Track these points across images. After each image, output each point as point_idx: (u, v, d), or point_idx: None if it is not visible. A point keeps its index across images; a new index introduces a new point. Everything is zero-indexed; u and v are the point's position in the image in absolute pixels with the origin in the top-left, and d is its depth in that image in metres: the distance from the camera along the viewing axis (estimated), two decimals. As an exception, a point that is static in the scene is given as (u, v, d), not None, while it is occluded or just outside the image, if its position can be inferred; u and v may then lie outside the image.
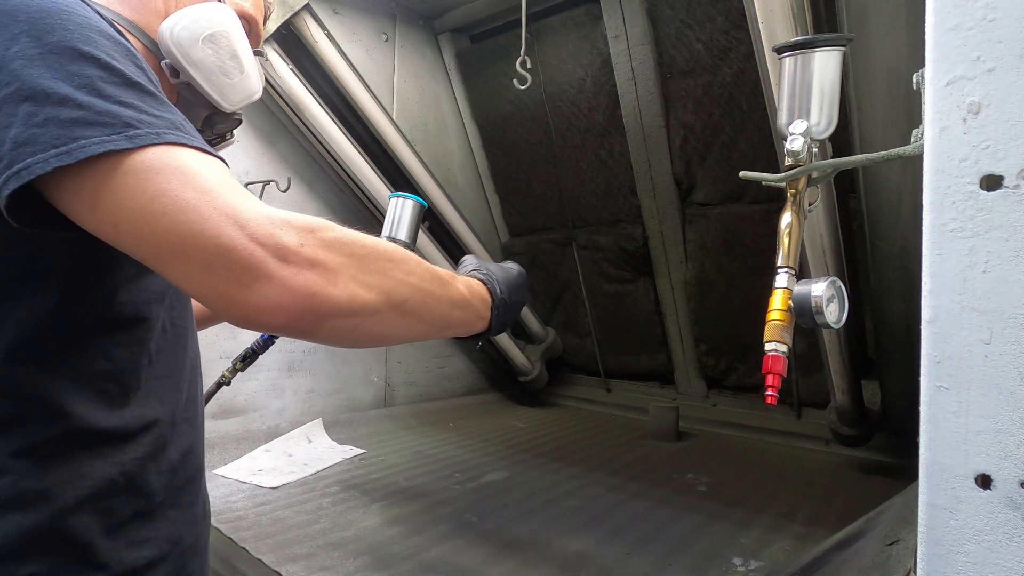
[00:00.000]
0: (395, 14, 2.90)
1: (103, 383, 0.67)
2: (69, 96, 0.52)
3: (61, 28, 0.54)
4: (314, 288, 0.54)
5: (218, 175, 0.55)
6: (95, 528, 0.64)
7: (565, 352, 3.45)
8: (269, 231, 0.53)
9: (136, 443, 0.69)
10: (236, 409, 2.36)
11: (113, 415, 0.67)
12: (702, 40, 2.36)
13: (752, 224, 2.51)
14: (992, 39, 0.47)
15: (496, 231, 3.48)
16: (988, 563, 0.48)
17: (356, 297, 0.57)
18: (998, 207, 0.47)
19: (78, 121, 0.51)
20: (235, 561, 1.46)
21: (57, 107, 0.51)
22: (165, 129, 0.55)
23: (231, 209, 0.52)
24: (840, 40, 0.92)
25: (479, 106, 3.19)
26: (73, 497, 0.63)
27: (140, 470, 0.69)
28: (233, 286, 0.52)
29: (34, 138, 0.50)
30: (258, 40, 0.97)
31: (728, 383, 2.89)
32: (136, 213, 0.51)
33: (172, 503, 0.74)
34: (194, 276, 0.52)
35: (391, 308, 0.61)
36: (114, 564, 0.66)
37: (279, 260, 0.52)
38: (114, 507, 0.67)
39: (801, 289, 0.79)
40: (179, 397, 0.78)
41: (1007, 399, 0.47)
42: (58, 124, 0.51)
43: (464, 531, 1.66)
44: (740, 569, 1.47)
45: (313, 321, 0.55)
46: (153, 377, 0.73)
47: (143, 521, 0.70)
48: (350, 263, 0.57)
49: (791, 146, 0.88)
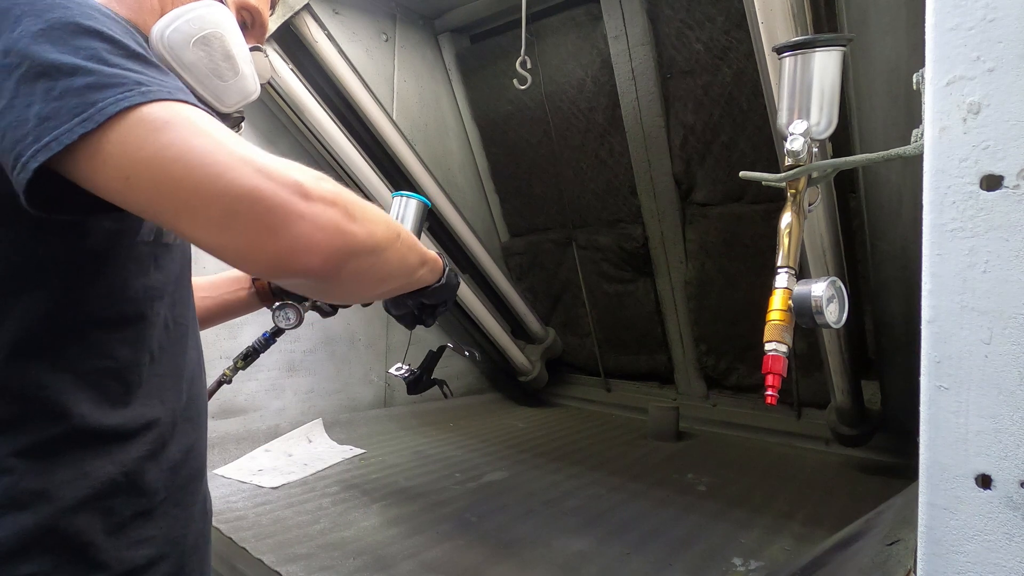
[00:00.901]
0: (395, 14, 2.90)
1: (105, 380, 0.67)
2: (79, 66, 0.52)
3: (60, 7, 0.55)
4: (340, 224, 0.54)
5: (228, 131, 0.55)
6: (96, 528, 0.64)
7: (565, 352, 3.45)
8: (287, 172, 0.52)
9: (137, 442, 0.69)
10: (236, 409, 2.36)
11: (115, 413, 0.67)
12: (702, 40, 2.36)
13: (752, 224, 2.51)
14: (992, 39, 0.47)
15: (496, 231, 3.48)
16: (988, 563, 0.48)
17: (373, 233, 0.58)
18: (998, 207, 0.47)
19: (91, 86, 0.51)
20: (235, 561, 1.46)
21: (69, 78, 0.52)
22: (175, 90, 0.55)
23: (247, 154, 0.52)
24: (840, 40, 0.92)
25: (479, 106, 3.19)
26: (74, 497, 0.63)
27: (141, 469, 0.69)
28: (260, 231, 0.51)
29: (56, 112, 0.51)
30: (263, 31, 0.94)
31: (728, 383, 2.89)
32: (148, 162, 0.50)
33: (174, 502, 0.74)
34: (214, 226, 0.51)
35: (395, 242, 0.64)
36: (115, 564, 0.66)
37: (303, 199, 0.52)
38: (115, 507, 0.66)
39: (801, 289, 0.79)
40: (180, 396, 0.78)
41: (1007, 399, 0.47)
42: (74, 93, 0.51)
43: (464, 531, 1.66)
44: (740, 569, 1.47)
45: (342, 260, 0.55)
46: (155, 375, 0.73)
47: (144, 520, 0.70)
48: (355, 203, 0.58)
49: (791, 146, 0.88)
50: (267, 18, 0.94)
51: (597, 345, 3.27)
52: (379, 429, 2.69)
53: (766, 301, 0.82)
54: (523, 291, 3.36)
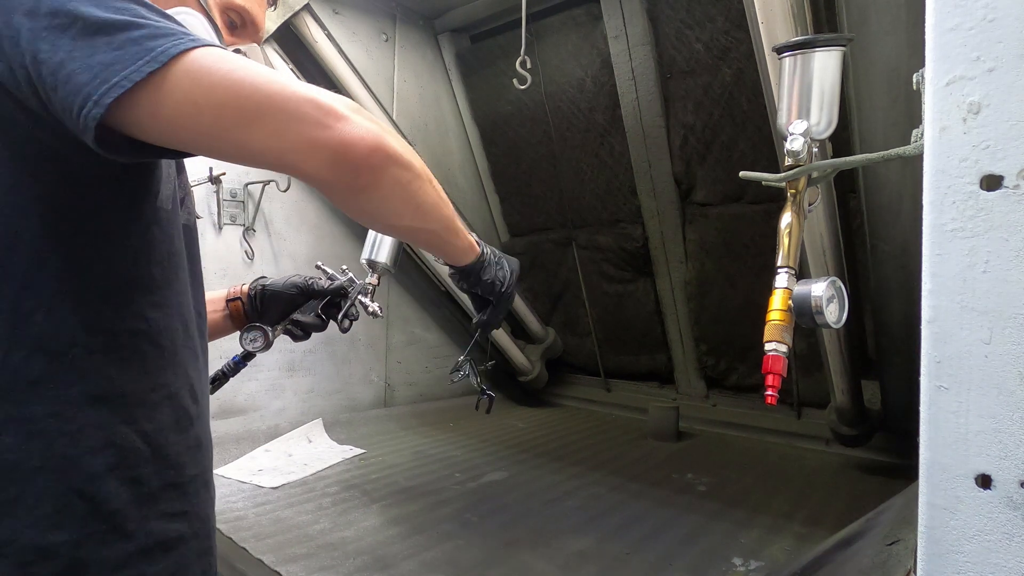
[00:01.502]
0: (395, 14, 2.90)
1: (139, 343, 0.67)
2: (130, 21, 0.57)
3: None
4: (379, 133, 0.62)
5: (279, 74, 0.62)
6: (124, 496, 0.64)
7: (565, 352, 3.45)
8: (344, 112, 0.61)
9: (161, 411, 0.69)
10: (236, 409, 2.36)
11: (145, 378, 0.68)
12: (702, 40, 2.36)
13: (752, 224, 2.51)
14: (992, 39, 0.47)
15: (496, 231, 3.48)
16: (988, 563, 0.48)
17: (406, 151, 0.66)
18: (998, 207, 0.47)
19: (148, 35, 0.56)
20: (235, 561, 1.46)
21: (125, 31, 0.56)
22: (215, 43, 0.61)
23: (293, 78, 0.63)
24: (840, 40, 0.92)
25: (479, 106, 3.19)
26: (101, 464, 0.63)
27: (166, 441, 0.69)
28: (319, 129, 0.59)
29: (119, 59, 0.55)
30: (256, 29, 0.91)
31: (728, 383, 2.88)
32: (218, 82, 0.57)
33: (203, 482, 0.74)
34: (282, 128, 0.59)
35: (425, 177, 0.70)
36: (143, 535, 0.65)
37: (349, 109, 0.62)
38: (143, 476, 0.66)
39: (801, 289, 0.79)
40: (205, 376, 0.79)
41: (1007, 399, 0.47)
42: (134, 42, 0.56)
43: (464, 531, 1.66)
44: (740, 569, 1.47)
45: (384, 160, 0.63)
46: (186, 347, 0.73)
47: (176, 493, 0.70)
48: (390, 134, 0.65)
49: (791, 146, 0.88)
50: (259, 15, 0.91)
51: (597, 345, 3.27)
52: (379, 429, 2.69)
53: (766, 301, 0.82)
54: (523, 291, 3.36)
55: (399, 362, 2.98)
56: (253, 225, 2.44)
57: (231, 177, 2.31)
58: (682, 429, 2.71)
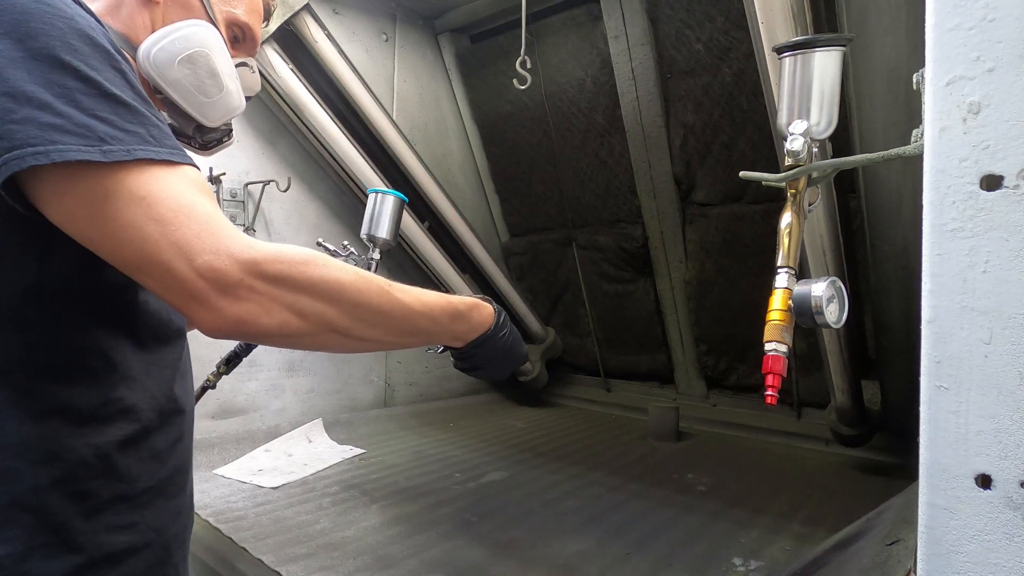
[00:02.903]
0: (395, 14, 2.90)
1: (87, 360, 0.67)
2: (49, 103, 0.55)
3: (44, 34, 0.56)
4: (246, 317, 0.61)
5: (182, 199, 0.59)
6: (70, 509, 0.64)
7: (565, 352, 3.45)
8: (213, 266, 0.58)
9: (114, 426, 0.69)
10: (236, 409, 2.36)
11: (92, 393, 0.67)
12: (702, 40, 2.36)
13: (752, 224, 2.51)
14: (992, 39, 0.47)
15: (496, 231, 3.48)
16: (988, 563, 0.48)
17: (287, 324, 0.63)
18: (998, 207, 0.47)
19: (56, 127, 0.54)
20: (235, 561, 1.46)
21: (37, 110, 0.54)
22: (136, 145, 0.58)
23: (185, 243, 0.58)
24: (840, 40, 0.92)
25: (479, 106, 3.19)
26: (48, 475, 0.62)
27: (117, 454, 0.68)
28: (183, 304, 0.60)
29: (11, 133, 0.53)
30: (254, 44, 0.97)
31: (728, 383, 2.88)
32: (108, 238, 0.58)
33: (158, 491, 0.74)
34: (154, 289, 0.60)
35: (329, 332, 0.68)
36: (91, 547, 0.65)
37: (218, 292, 0.59)
38: (91, 489, 0.66)
39: (801, 289, 0.79)
40: (169, 387, 0.77)
41: (1007, 399, 0.47)
42: (37, 126, 0.54)
43: (464, 531, 1.66)
44: (740, 569, 1.47)
45: (250, 338, 0.64)
46: (139, 361, 0.72)
47: (125, 506, 0.69)
48: (288, 295, 0.63)
49: (791, 146, 0.88)
50: (258, 32, 0.97)
51: (597, 345, 3.27)
52: (379, 429, 2.69)
53: (766, 301, 0.82)
54: (523, 291, 3.36)
55: (399, 362, 2.98)
56: (253, 225, 2.44)
57: (231, 177, 2.31)
58: (682, 429, 2.71)
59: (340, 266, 0.68)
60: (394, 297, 0.73)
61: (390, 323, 0.73)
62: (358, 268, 0.70)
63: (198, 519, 1.60)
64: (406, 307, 0.75)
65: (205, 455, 2.12)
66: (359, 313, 0.69)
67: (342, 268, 0.68)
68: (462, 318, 0.88)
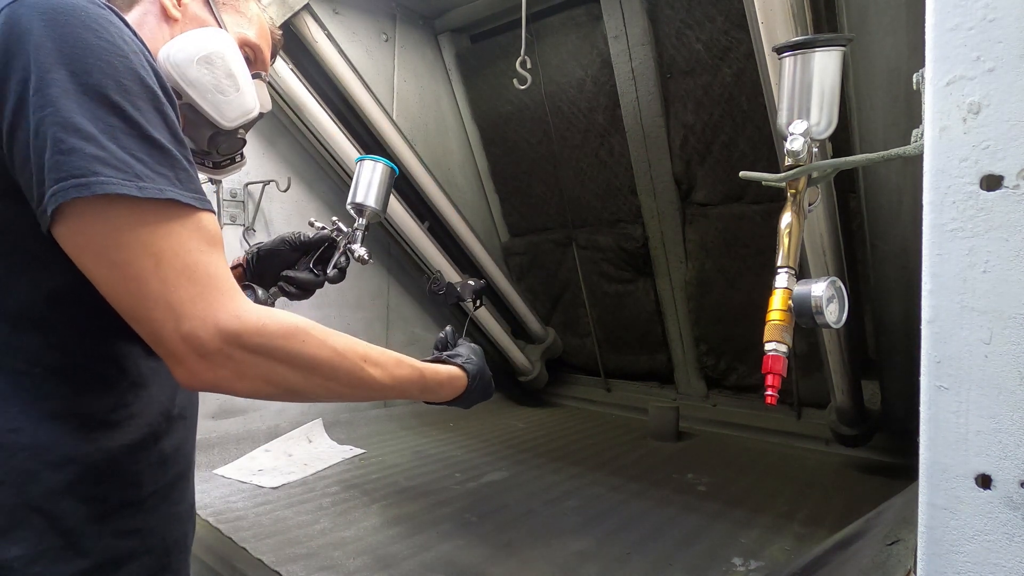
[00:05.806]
0: (395, 14, 2.90)
1: (101, 365, 0.68)
2: (94, 135, 0.58)
3: (99, 71, 0.59)
4: (220, 383, 0.64)
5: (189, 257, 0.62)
6: (81, 514, 0.65)
7: (565, 352, 3.45)
8: (196, 334, 0.61)
9: (124, 430, 0.70)
10: (236, 409, 2.36)
11: (105, 398, 0.68)
12: (702, 40, 2.36)
13: (752, 224, 2.51)
14: (992, 39, 0.47)
15: (496, 231, 3.48)
16: (988, 563, 0.48)
17: (258, 391, 0.67)
18: (998, 207, 0.47)
19: (99, 159, 0.57)
20: (235, 561, 1.46)
21: (83, 141, 0.57)
22: (167, 186, 0.61)
23: (178, 306, 0.61)
24: (840, 40, 0.91)
25: (479, 106, 3.19)
26: (60, 480, 0.63)
27: (128, 459, 0.70)
28: (164, 357, 0.63)
29: (58, 164, 0.56)
30: (264, 67, 1.01)
31: (728, 383, 2.88)
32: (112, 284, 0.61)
33: (162, 496, 0.75)
34: (140, 335, 0.62)
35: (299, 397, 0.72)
36: (97, 551, 0.66)
37: (197, 356, 0.61)
38: (101, 494, 0.67)
39: (801, 289, 0.79)
40: (175, 391, 0.78)
41: (1007, 399, 0.47)
42: (82, 156, 0.57)
43: (464, 531, 1.66)
44: (740, 569, 1.47)
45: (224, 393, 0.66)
46: (147, 368, 0.74)
47: (132, 511, 0.70)
48: (264, 365, 0.65)
49: (791, 146, 0.88)
50: (268, 55, 1.02)
51: (597, 345, 3.27)
52: (379, 429, 2.69)
53: (766, 301, 0.82)
54: (523, 291, 3.36)
55: (399, 362, 2.98)
56: (253, 225, 2.44)
57: (231, 177, 2.31)
58: (682, 429, 2.71)
59: (319, 342, 0.70)
60: (366, 374, 0.76)
61: (358, 395, 0.78)
62: (339, 341, 0.73)
63: (198, 519, 1.60)
64: (376, 383, 0.78)
65: (205, 455, 2.12)
66: (329, 386, 0.73)
67: (321, 344, 0.70)
68: (432, 392, 0.92)
